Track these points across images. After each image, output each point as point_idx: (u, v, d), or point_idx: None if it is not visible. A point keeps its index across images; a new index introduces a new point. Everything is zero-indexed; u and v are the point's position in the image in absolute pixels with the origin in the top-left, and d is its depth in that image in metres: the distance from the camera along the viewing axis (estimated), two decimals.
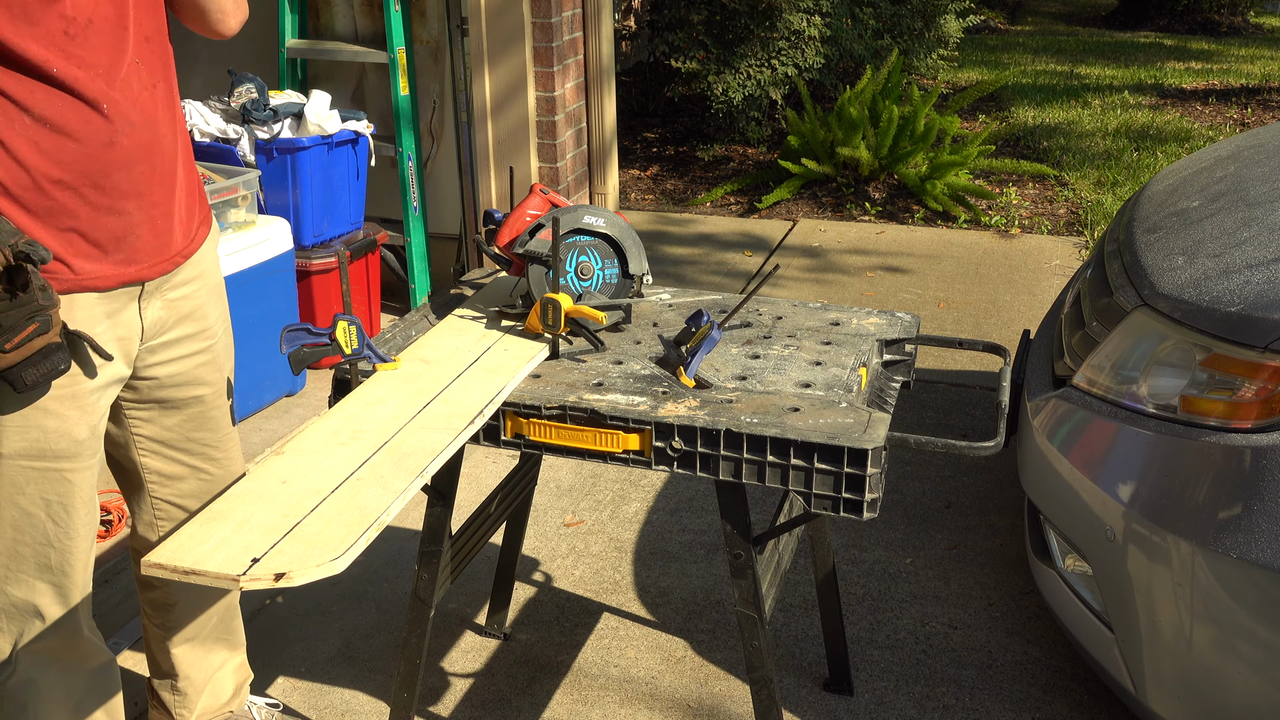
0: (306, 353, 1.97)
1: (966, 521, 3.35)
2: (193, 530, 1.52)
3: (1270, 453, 1.99)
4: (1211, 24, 13.32)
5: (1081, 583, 2.37)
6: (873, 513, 1.80)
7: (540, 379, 2.02)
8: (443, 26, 4.67)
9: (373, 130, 4.43)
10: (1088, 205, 6.43)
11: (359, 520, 1.54)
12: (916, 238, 6.03)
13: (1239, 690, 2.05)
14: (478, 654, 2.82)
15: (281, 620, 2.94)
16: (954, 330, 4.77)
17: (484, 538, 2.46)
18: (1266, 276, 2.20)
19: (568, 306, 2.06)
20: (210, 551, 1.48)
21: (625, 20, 8.11)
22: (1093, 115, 8.57)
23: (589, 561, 3.18)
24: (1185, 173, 3.07)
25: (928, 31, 8.18)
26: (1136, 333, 2.34)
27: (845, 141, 6.41)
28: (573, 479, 3.61)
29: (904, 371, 2.22)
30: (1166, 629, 2.11)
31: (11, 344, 1.60)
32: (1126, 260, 2.59)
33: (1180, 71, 10.43)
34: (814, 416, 1.86)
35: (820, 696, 2.64)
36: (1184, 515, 2.06)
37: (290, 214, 4.16)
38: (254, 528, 1.53)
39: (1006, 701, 2.63)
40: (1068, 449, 2.36)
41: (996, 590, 3.03)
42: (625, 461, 1.91)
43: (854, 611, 2.94)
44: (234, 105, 4.26)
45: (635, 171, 7.32)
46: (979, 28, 12.54)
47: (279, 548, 1.48)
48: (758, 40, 6.87)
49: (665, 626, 2.91)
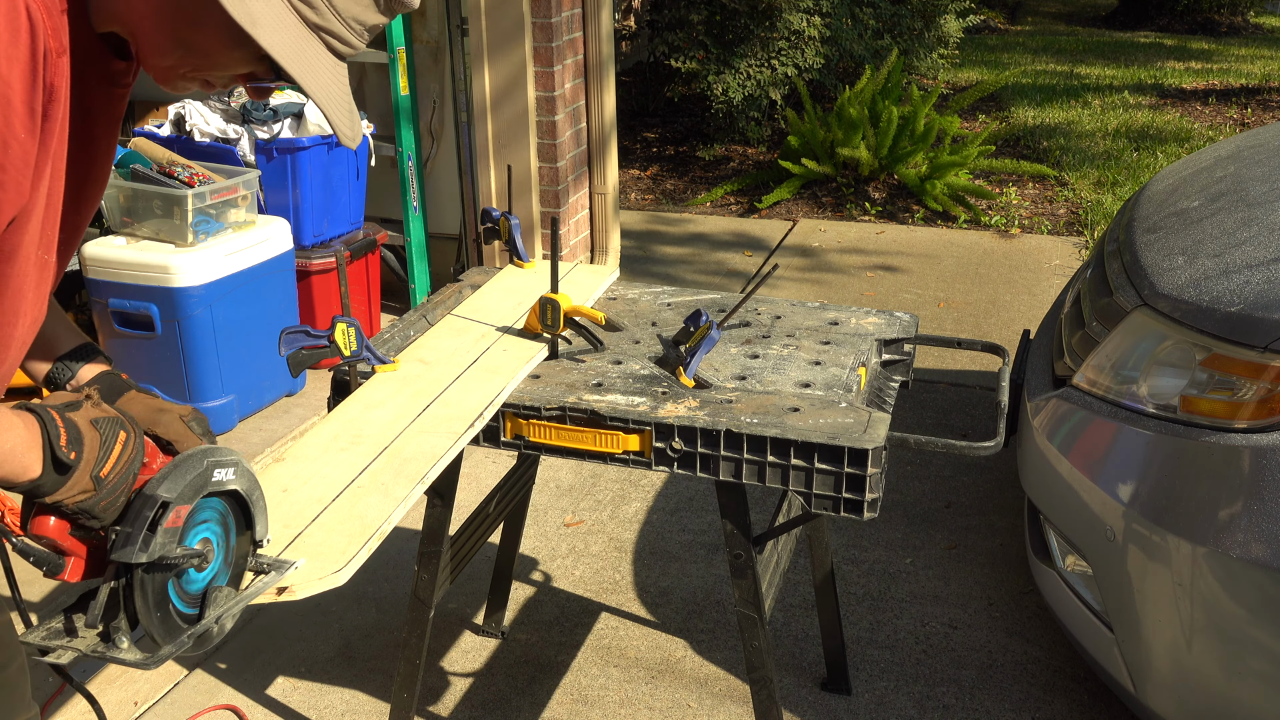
0: (305, 355, 1.97)
1: (966, 521, 3.35)
2: None
3: (1270, 453, 1.99)
4: (1211, 24, 13.31)
5: (1081, 583, 2.37)
6: (873, 513, 1.80)
7: (540, 379, 2.02)
8: (442, 26, 4.67)
9: (373, 130, 4.43)
10: (1088, 205, 6.42)
11: (360, 530, 1.53)
12: (916, 238, 6.03)
13: (1238, 690, 2.05)
14: (477, 654, 2.82)
15: (281, 620, 2.94)
16: (954, 330, 4.77)
17: (483, 538, 2.46)
18: (1266, 276, 2.19)
19: (567, 306, 2.06)
20: None
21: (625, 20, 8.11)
22: (1093, 115, 8.57)
23: (589, 561, 3.18)
24: (1185, 173, 3.07)
25: (928, 31, 8.17)
26: (1136, 333, 2.34)
27: (845, 141, 6.41)
28: (573, 479, 3.61)
29: (903, 371, 2.22)
30: (1166, 629, 2.11)
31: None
32: (1126, 260, 2.59)
33: (1180, 71, 10.43)
34: (814, 416, 1.86)
35: (820, 696, 2.64)
36: (1184, 515, 2.06)
37: (290, 214, 4.16)
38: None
39: (1006, 701, 2.63)
40: (1068, 449, 2.36)
41: (996, 590, 3.03)
42: (625, 462, 1.91)
43: (854, 611, 2.94)
44: (234, 105, 4.25)
45: (635, 171, 7.32)
46: (979, 28, 12.53)
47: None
48: (757, 40, 6.87)
49: (665, 626, 2.91)
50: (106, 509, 1.18)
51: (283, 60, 1.15)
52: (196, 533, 1.25)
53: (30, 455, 1.11)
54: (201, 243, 3.67)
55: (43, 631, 1.25)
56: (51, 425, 1.13)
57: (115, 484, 1.18)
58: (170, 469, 1.21)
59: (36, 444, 1.12)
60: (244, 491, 1.31)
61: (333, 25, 1.20)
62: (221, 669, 2.76)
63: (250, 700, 2.66)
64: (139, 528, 1.16)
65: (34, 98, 1.03)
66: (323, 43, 1.20)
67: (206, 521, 1.27)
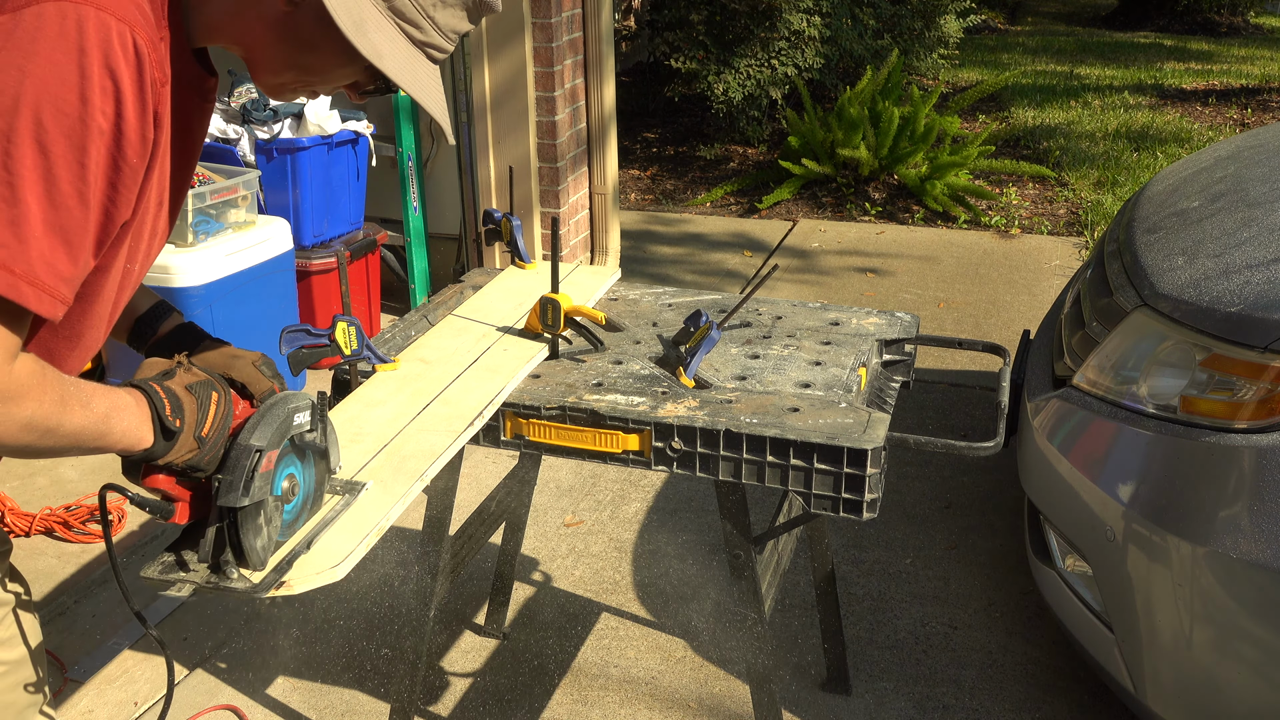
0: (306, 354, 1.97)
1: (966, 521, 3.35)
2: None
3: (1270, 453, 1.99)
4: (1211, 24, 13.32)
5: (1081, 583, 2.37)
6: (872, 513, 1.80)
7: (540, 379, 2.02)
8: None
9: (373, 130, 4.43)
10: (1088, 205, 6.43)
11: (359, 527, 1.53)
12: (916, 238, 6.03)
13: (1238, 690, 2.05)
14: (477, 654, 2.82)
15: (282, 620, 2.94)
16: (954, 330, 4.77)
17: (484, 538, 2.46)
18: (1266, 276, 2.19)
19: (567, 306, 2.06)
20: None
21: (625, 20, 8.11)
22: (1092, 116, 8.57)
23: (589, 561, 3.18)
24: (1185, 173, 3.07)
25: (928, 31, 8.18)
26: (1136, 333, 2.34)
27: (845, 142, 6.41)
28: (573, 479, 3.61)
29: (904, 371, 2.22)
30: (1166, 629, 2.11)
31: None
32: (1126, 260, 2.59)
33: (1180, 72, 10.43)
34: (814, 416, 1.86)
35: (820, 696, 2.64)
36: (1184, 515, 2.06)
37: (290, 214, 4.16)
38: None
39: (1006, 701, 2.63)
40: (1068, 449, 2.36)
41: (996, 590, 3.03)
42: (625, 462, 1.91)
43: (854, 611, 2.94)
44: (234, 105, 4.25)
45: (635, 171, 7.32)
46: (979, 28, 12.53)
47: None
48: (758, 40, 6.87)
49: (665, 626, 2.91)
50: (210, 461, 1.35)
51: (401, 82, 1.30)
52: (284, 471, 1.44)
53: (143, 429, 1.26)
54: (201, 243, 3.67)
55: (158, 567, 1.43)
56: (156, 398, 1.28)
57: (214, 439, 1.35)
58: (259, 419, 1.38)
59: (146, 418, 1.27)
60: (318, 429, 1.50)
61: (434, 39, 1.33)
62: (221, 669, 2.76)
63: (250, 700, 2.66)
64: (239, 475, 1.34)
65: (145, 126, 1.14)
66: (425, 55, 1.34)
67: (290, 459, 1.45)
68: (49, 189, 1.08)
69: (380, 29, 1.27)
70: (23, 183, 1.06)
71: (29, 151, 1.06)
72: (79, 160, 1.09)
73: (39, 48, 1.06)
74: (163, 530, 3.23)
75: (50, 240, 1.09)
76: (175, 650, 2.82)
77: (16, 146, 1.06)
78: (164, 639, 1.54)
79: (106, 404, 1.22)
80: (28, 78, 1.06)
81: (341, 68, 1.32)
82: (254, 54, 1.31)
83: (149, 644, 2.83)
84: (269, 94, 1.37)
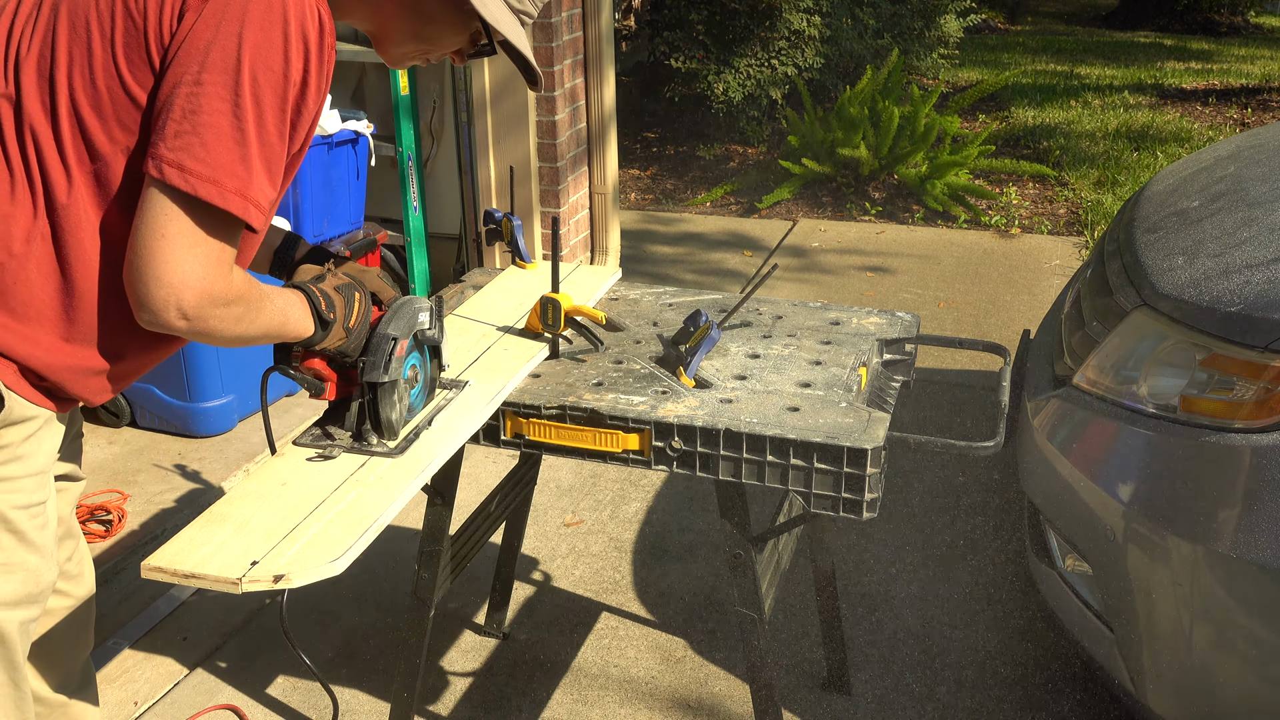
0: None
1: (966, 521, 3.35)
2: (193, 533, 1.52)
3: (1270, 453, 1.99)
4: (1211, 24, 13.32)
5: (1081, 583, 2.37)
6: (872, 513, 1.80)
7: (540, 378, 2.02)
8: None
9: (373, 130, 4.43)
10: (1088, 205, 6.43)
11: (358, 522, 1.54)
12: (916, 238, 6.03)
13: (1238, 689, 2.05)
14: (477, 654, 2.82)
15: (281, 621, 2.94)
16: (954, 330, 4.77)
17: (484, 537, 2.46)
18: (1266, 276, 2.19)
19: (568, 306, 2.06)
20: (210, 555, 1.47)
21: (625, 20, 8.10)
22: (1092, 115, 8.57)
23: (589, 561, 3.18)
24: (1185, 173, 3.07)
25: (928, 31, 8.18)
26: (1136, 333, 2.33)
27: (845, 141, 6.41)
28: (573, 479, 3.61)
29: (904, 371, 2.22)
30: (1166, 629, 2.11)
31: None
32: (1126, 260, 2.58)
33: (1180, 71, 10.43)
34: (813, 416, 1.86)
35: (819, 696, 2.64)
36: (1184, 515, 2.06)
37: (290, 214, 4.16)
38: (254, 530, 1.52)
39: (1006, 701, 2.63)
40: (1068, 449, 2.36)
41: (996, 590, 3.03)
42: (625, 461, 1.91)
43: (854, 611, 2.94)
44: None
45: (635, 171, 7.32)
46: (979, 27, 12.54)
47: (278, 550, 1.48)
48: (757, 40, 6.87)
49: (665, 626, 2.91)
50: (355, 348, 1.68)
51: (519, 45, 1.61)
52: (410, 360, 1.74)
53: (306, 320, 1.59)
54: None
55: (309, 437, 1.74)
56: (313, 296, 1.61)
57: (358, 330, 1.67)
58: (393, 314, 1.71)
59: (308, 312, 1.59)
60: (435, 328, 1.79)
61: (526, 7, 1.62)
62: (222, 669, 2.76)
63: (250, 700, 2.66)
64: (380, 357, 1.66)
65: (323, 80, 1.43)
66: (519, 19, 1.63)
67: (414, 352, 1.75)
68: (260, 131, 1.36)
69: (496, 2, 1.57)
70: (248, 125, 1.35)
71: (249, 104, 1.35)
72: (280, 107, 1.38)
73: (251, 19, 1.35)
74: (163, 530, 3.23)
75: (262, 171, 1.38)
76: (175, 650, 2.82)
77: (241, 98, 1.34)
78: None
79: (284, 301, 1.53)
80: (245, 43, 1.34)
81: (455, 35, 1.61)
82: (383, 29, 1.60)
83: (149, 643, 2.83)
84: (391, 64, 1.65)
